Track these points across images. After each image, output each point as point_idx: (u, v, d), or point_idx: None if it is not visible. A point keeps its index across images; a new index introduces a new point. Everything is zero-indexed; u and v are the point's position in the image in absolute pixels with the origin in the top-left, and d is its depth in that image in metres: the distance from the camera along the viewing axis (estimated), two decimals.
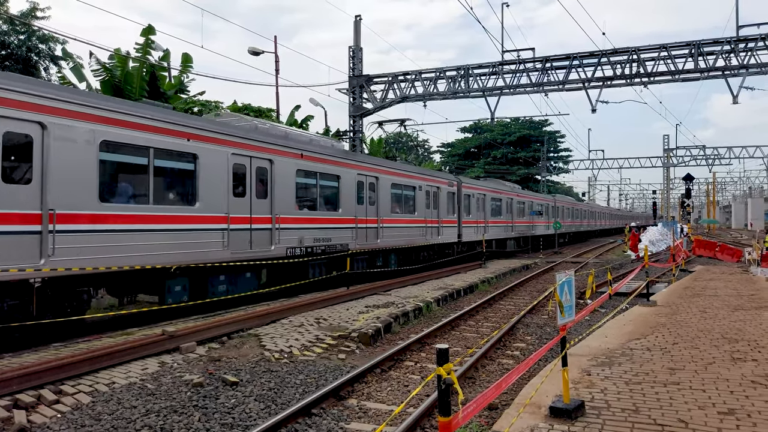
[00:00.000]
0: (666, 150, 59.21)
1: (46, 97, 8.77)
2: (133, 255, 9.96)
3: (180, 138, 11.02)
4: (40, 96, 8.68)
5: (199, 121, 11.98)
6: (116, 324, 10.06)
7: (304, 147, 14.83)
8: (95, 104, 9.53)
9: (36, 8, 25.06)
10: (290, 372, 7.67)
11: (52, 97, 8.86)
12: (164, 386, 6.80)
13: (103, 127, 9.57)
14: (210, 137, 11.75)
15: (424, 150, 76.93)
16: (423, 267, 20.95)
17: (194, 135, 11.35)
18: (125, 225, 9.91)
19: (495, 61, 26.17)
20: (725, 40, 22.98)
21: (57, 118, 8.89)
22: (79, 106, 9.26)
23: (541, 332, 11.01)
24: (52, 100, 8.83)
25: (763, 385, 6.20)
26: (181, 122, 11.18)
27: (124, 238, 9.86)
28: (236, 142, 12.43)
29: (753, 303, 12.30)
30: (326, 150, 15.91)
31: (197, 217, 11.33)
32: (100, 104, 9.64)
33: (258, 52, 24.41)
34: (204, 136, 11.60)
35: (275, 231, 13.34)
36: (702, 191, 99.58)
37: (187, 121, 11.42)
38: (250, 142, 12.83)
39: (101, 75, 19.87)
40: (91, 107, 9.44)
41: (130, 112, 10.13)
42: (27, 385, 6.36)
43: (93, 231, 9.36)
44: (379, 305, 12.78)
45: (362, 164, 17.47)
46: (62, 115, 8.97)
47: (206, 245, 11.47)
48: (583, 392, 6.02)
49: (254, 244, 12.71)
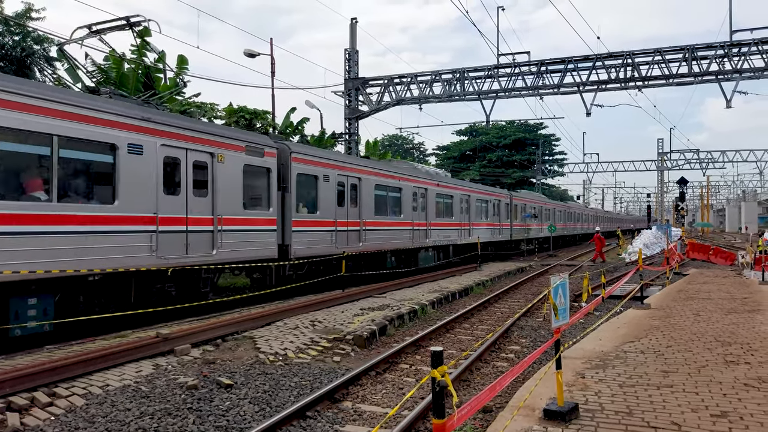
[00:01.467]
0: (660, 153, 59.57)
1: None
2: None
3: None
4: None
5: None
6: (110, 326, 10.02)
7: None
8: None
9: (31, 9, 24.99)
10: (285, 374, 7.67)
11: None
12: (158, 389, 6.78)
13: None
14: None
15: (420, 153, 77.06)
16: (413, 271, 20.59)
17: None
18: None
19: (490, 65, 26.31)
20: (719, 44, 23.15)
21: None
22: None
23: (536, 335, 11.04)
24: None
25: (755, 387, 6.23)
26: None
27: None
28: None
29: (746, 306, 12.36)
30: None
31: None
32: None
33: (254, 54, 24.41)
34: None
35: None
36: (696, 195, 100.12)
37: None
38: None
39: (96, 76, 19.83)
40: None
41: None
42: (20, 388, 6.32)
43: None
44: (374, 308, 12.78)
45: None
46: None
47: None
48: (577, 395, 6.04)
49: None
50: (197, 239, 11.29)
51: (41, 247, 8.56)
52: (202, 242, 11.42)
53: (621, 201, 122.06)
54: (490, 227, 29.42)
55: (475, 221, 27.00)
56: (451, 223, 24.24)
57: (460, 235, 25.04)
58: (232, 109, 27.07)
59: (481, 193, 28.72)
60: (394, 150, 68.23)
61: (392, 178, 19.24)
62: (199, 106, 24.28)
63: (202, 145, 11.57)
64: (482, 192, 29.01)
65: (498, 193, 31.83)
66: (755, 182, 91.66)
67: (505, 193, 33.18)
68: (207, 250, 11.53)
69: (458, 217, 24.92)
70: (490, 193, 30.12)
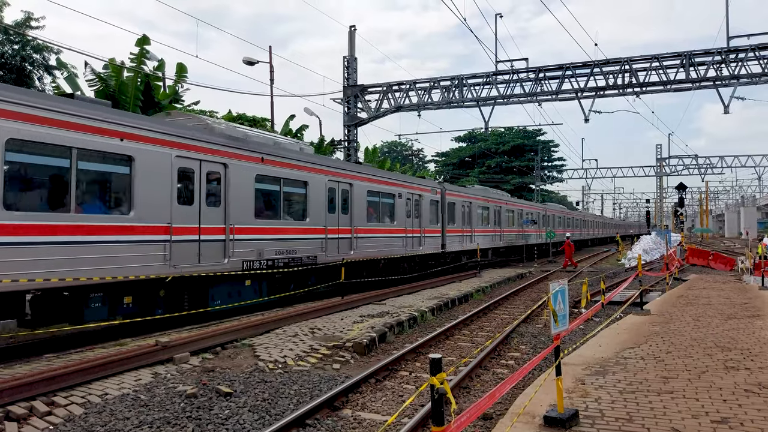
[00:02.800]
0: (659, 159, 59.70)
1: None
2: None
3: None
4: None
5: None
6: (109, 334, 10.00)
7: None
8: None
9: (30, 18, 25.12)
10: (284, 382, 7.65)
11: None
12: (157, 397, 6.76)
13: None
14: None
15: (419, 159, 77.20)
16: (414, 278, 20.45)
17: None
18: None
19: (489, 71, 26.39)
20: (716, 50, 23.24)
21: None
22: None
23: (536, 341, 11.02)
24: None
25: (756, 393, 6.22)
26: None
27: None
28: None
29: (746, 312, 12.35)
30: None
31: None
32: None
33: (253, 62, 24.49)
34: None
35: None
36: (695, 200, 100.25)
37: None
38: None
39: (96, 85, 19.88)
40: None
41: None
42: (19, 397, 6.31)
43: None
44: (374, 315, 12.76)
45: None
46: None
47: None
48: (577, 401, 6.02)
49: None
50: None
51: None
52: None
53: (620, 207, 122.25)
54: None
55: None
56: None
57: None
58: (231, 116, 27.15)
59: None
60: (393, 156, 68.35)
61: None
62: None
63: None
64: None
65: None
66: (754, 187, 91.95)
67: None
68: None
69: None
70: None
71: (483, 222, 28.31)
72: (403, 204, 19.85)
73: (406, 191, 20.07)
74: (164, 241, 10.53)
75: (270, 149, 13.68)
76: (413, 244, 20.52)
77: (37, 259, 8.44)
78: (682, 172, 57.77)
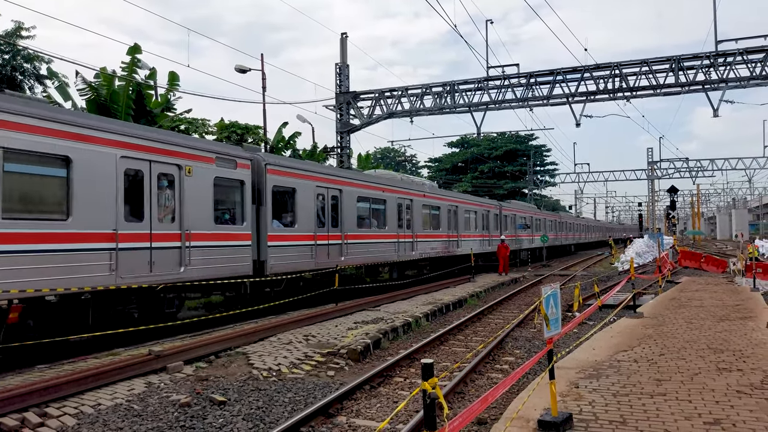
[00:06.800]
0: (650, 163, 60.06)
1: None
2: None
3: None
4: None
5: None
6: (102, 344, 9.93)
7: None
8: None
9: (21, 27, 25.07)
10: (279, 390, 7.63)
11: None
12: (151, 407, 6.73)
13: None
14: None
15: (412, 165, 77.34)
16: (408, 283, 20.45)
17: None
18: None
19: (480, 77, 26.56)
20: (705, 55, 23.47)
21: None
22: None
23: (530, 345, 11.04)
24: None
25: (747, 394, 6.26)
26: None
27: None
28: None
29: (738, 313, 12.43)
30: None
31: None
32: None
33: (245, 70, 24.50)
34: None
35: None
36: (687, 203, 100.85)
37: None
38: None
39: (87, 94, 19.84)
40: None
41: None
42: (10, 408, 6.26)
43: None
44: (368, 321, 12.75)
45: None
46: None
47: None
48: (571, 405, 6.04)
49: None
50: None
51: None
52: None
53: (612, 210, 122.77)
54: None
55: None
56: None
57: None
58: (223, 124, 27.14)
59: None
60: (386, 163, 68.45)
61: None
62: (191, 122, 24.32)
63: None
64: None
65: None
66: (744, 190, 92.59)
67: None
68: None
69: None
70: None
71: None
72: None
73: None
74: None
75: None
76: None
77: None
78: (674, 175, 58.22)
